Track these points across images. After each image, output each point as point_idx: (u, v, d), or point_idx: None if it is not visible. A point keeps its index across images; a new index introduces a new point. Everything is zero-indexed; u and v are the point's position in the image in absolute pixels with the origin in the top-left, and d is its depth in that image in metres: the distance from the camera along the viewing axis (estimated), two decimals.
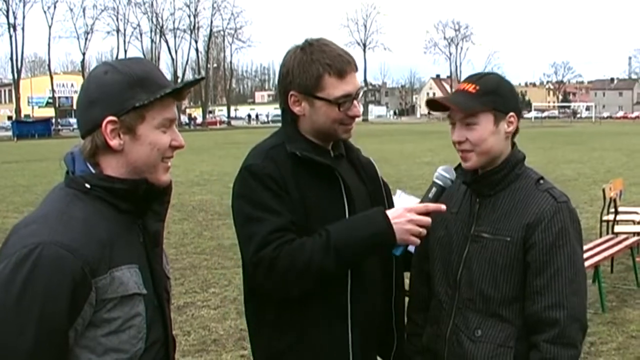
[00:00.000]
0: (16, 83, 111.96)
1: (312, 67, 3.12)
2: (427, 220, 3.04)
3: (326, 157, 3.23)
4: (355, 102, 3.18)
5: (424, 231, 3.04)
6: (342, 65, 3.12)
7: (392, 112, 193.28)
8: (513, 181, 3.16)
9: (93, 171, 2.48)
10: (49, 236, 2.28)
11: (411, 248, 3.50)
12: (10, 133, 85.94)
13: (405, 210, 3.05)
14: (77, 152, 2.52)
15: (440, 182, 3.14)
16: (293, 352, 3.18)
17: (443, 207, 3.09)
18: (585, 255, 9.39)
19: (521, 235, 3.06)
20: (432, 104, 3.20)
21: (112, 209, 2.46)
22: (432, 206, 3.07)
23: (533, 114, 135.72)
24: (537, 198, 3.10)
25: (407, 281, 3.52)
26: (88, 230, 2.35)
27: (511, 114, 3.12)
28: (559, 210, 3.07)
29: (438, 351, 3.23)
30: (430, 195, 3.12)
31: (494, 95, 3.08)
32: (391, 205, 3.45)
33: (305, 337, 3.15)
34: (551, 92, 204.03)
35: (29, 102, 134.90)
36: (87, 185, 2.44)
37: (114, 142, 2.43)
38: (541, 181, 3.18)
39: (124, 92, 2.41)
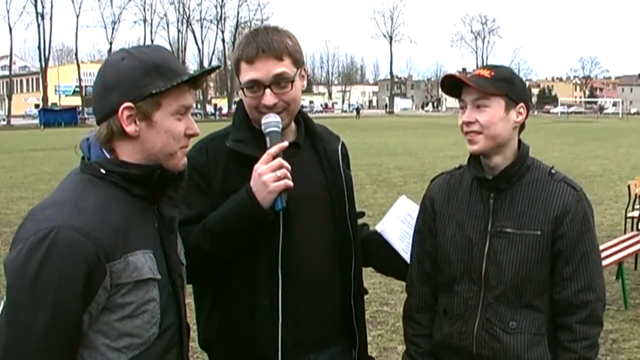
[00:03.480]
0: (44, 72, 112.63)
1: (236, 53, 3.18)
2: (277, 162, 2.98)
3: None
4: (267, 91, 3.09)
5: (281, 172, 2.96)
6: (251, 51, 3.09)
7: (429, 105, 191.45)
8: (525, 173, 3.20)
9: (108, 157, 2.49)
10: (63, 220, 2.29)
11: (405, 255, 3.50)
12: (37, 121, 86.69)
13: (255, 171, 2.99)
14: (93, 139, 2.54)
15: (270, 129, 3.08)
16: (220, 342, 3.22)
17: (284, 143, 3.05)
18: (609, 252, 9.36)
19: (551, 227, 3.12)
20: (447, 81, 3.18)
21: (127, 194, 2.47)
22: (273, 150, 3.00)
23: (559, 109, 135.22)
24: (557, 189, 3.17)
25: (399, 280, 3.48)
26: (102, 215, 2.36)
27: (521, 104, 3.16)
28: (580, 198, 3.17)
29: (464, 347, 3.22)
30: (269, 144, 3.05)
31: (507, 83, 3.12)
32: (351, 196, 3.39)
33: (231, 329, 3.17)
34: (578, 87, 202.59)
35: (56, 90, 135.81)
36: (102, 171, 2.45)
37: (130, 129, 2.44)
38: (553, 171, 3.24)
39: (140, 79, 2.42)
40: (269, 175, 2.95)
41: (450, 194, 3.31)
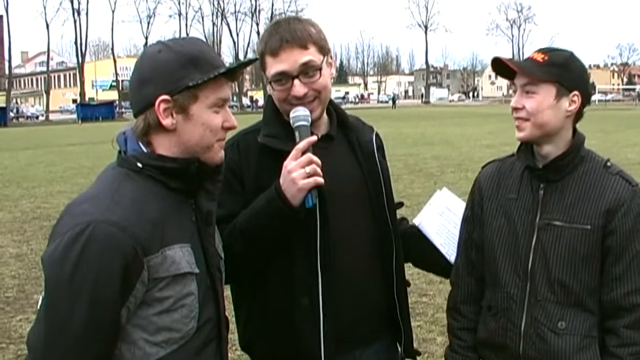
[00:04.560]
0: (80, 67, 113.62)
1: (260, 47, 3.10)
2: (306, 158, 2.90)
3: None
4: (295, 81, 3.03)
5: (311, 168, 2.88)
6: (274, 42, 3.02)
7: (455, 95, 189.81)
8: (578, 165, 3.07)
9: (145, 150, 2.48)
10: (100, 215, 2.29)
11: (450, 256, 3.43)
12: (75, 116, 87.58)
13: (285, 168, 2.92)
14: (130, 132, 2.53)
15: (299, 124, 3.00)
16: (261, 342, 3.19)
17: (313, 138, 2.96)
18: None
19: (601, 222, 2.99)
20: (497, 65, 3.08)
21: (164, 188, 2.46)
22: (301, 145, 2.92)
23: (596, 96, 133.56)
24: (611, 183, 3.03)
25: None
26: (139, 209, 2.36)
27: (575, 92, 3.01)
28: (635, 194, 3.03)
29: (510, 346, 3.12)
30: (298, 139, 2.97)
31: (560, 69, 2.99)
32: (388, 186, 3.31)
33: (271, 330, 3.13)
34: (615, 75, 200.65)
35: (93, 85, 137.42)
36: (139, 165, 2.44)
37: (166, 122, 2.43)
38: (609, 164, 3.10)
39: (177, 71, 2.41)
40: (298, 172, 2.88)
41: (500, 182, 3.21)
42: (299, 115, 3.02)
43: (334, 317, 3.05)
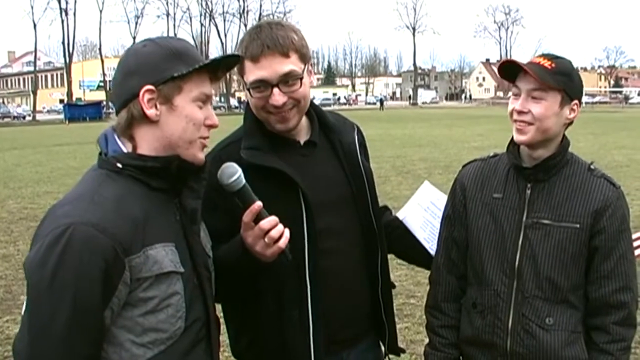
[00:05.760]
0: (68, 67, 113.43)
1: (239, 50, 2.99)
2: (259, 231, 2.73)
3: (285, 151, 3.08)
4: (275, 90, 2.95)
5: (269, 238, 2.73)
6: (255, 48, 2.93)
7: (423, 96, 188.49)
8: (564, 166, 3.14)
9: (125, 151, 2.47)
10: (80, 217, 2.27)
11: (432, 250, 3.45)
12: (62, 116, 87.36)
13: (245, 240, 2.79)
14: (110, 133, 2.53)
15: (235, 189, 2.75)
16: (252, 353, 3.17)
17: (256, 205, 2.73)
18: (636, 244, 9.22)
19: (589, 221, 3.07)
20: (506, 66, 3.08)
21: (145, 187, 2.45)
22: (247, 219, 2.74)
23: (584, 99, 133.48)
24: (597, 185, 3.11)
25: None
26: (120, 210, 2.33)
27: (575, 101, 3.09)
28: (619, 196, 3.12)
29: (497, 342, 3.15)
30: (242, 207, 2.75)
31: (567, 78, 3.04)
32: (372, 190, 3.28)
33: (262, 342, 3.11)
34: (602, 77, 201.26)
35: (80, 85, 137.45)
36: (119, 165, 2.43)
37: (150, 112, 2.43)
38: (592, 167, 3.17)
39: (162, 63, 2.42)
40: (260, 246, 2.77)
41: (484, 181, 3.24)
42: (231, 182, 2.75)
43: (323, 326, 3.04)
